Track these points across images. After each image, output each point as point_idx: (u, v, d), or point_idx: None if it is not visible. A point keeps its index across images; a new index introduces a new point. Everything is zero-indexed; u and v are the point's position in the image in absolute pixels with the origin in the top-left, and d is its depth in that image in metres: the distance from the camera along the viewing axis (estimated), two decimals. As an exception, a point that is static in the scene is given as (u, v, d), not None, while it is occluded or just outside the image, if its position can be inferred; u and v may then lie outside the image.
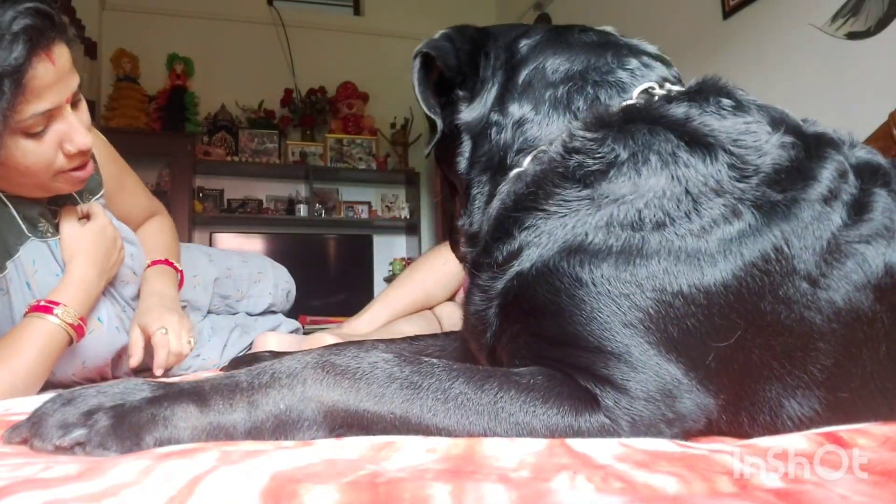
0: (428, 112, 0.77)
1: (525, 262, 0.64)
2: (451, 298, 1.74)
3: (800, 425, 0.62)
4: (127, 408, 0.50)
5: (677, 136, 0.63)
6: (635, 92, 0.71)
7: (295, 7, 5.15)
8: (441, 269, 1.70)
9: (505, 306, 0.66)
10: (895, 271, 0.62)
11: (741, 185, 0.61)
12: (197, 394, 0.52)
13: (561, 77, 0.74)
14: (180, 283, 1.39)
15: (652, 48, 0.79)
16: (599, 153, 0.64)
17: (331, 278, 4.73)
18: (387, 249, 5.03)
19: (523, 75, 0.76)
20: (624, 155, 0.63)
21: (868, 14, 2.27)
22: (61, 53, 0.95)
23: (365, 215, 4.99)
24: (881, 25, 2.22)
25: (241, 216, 4.76)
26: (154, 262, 1.34)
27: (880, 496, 0.40)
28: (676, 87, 0.72)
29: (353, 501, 0.36)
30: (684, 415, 0.57)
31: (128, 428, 0.49)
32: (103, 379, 1.18)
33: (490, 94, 0.77)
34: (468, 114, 0.78)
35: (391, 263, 4.98)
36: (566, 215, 0.63)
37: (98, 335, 1.13)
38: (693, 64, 2.79)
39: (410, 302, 1.70)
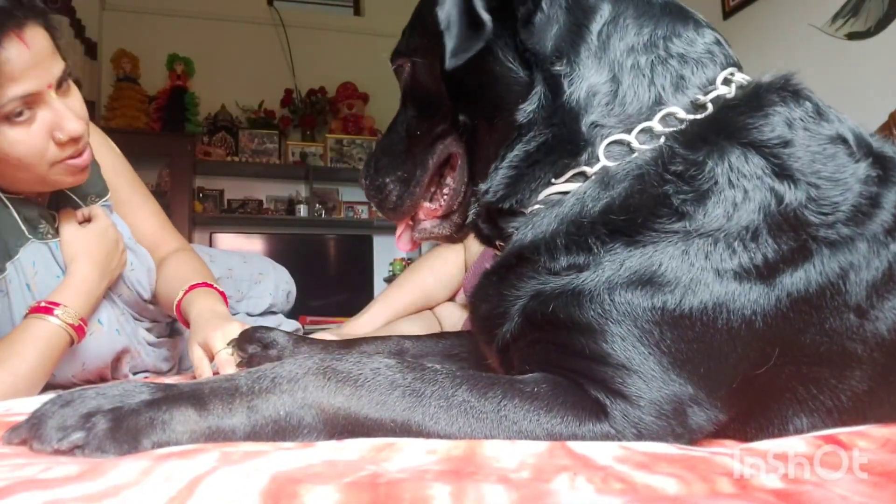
0: (478, 9, 0.63)
1: (589, 281, 0.60)
2: (452, 299, 1.74)
3: (804, 433, 0.61)
4: (125, 411, 0.50)
5: (769, 164, 0.60)
6: (719, 79, 0.66)
7: (295, 7, 5.15)
8: (441, 269, 1.70)
9: (533, 310, 0.63)
10: None
11: (817, 220, 0.58)
12: (196, 397, 0.52)
13: (645, 41, 0.66)
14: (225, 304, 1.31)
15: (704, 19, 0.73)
16: (699, 179, 0.59)
17: (331, 279, 4.74)
18: (387, 250, 5.03)
19: (598, 25, 0.67)
20: (721, 182, 0.59)
21: (868, 14, 2.27)
22: (35, 35, 0.92)
23: (365, 216, 4.99)
24: (881, 26, 2.22)
25: (241, 216, 4.76)
26: (193, 286, 1.23)
27: (880, 497, 0.40)
28: (747, 78, 0.69)
29: (353, 502, 0.36)
30: (694, 429, 0.56)
31: (125, 431, 0.49)
32: (103, 380, 1.18)
33: (550, 34, 0.67)
34: (534, 41, 0.67)
35: (391, 264, 4.98)
36: (647, 245, 0.59)
37: (98, 337, 1.12)
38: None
39: (410, 302, 1.70)
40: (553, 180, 0.66)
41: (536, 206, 0.66)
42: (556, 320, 0.60)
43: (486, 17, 0.63)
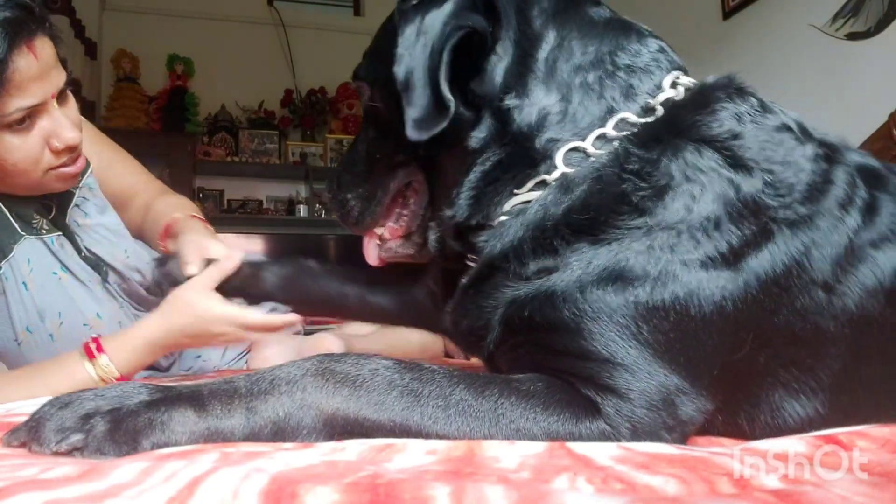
0: (445, 92, 0.63)
1: (559, 282, 0.61)
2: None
3: (800, 424, 0.62)
4: (124, 412, 0.50)
5: (722, 157, 0.61)
6: (666, 83, 0.68)
7: (295, 7, 5.15)
8: (441, 269, 1.70)
9: (511, 316, 0.64)
10: None
11: (775, 203, 0.60)
12: (195, 398, 0.52)
13: (591, 59, 0.67)
14: None
15: (647, 28, 0.75)
16: (655, 175, 0.61)
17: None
18: (387, 250, 5.02)
19: (545, 52, 0.68)
20: (678, 178, 0.61)
21: (868, 14, 2.27)
22: (44, 47, 0.93)
23: (365, 216, 4.98)
24: (881, 26, 2.22)
25: (242, 216, 4.76)
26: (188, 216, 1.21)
27: (880, 497, 0.40)
28: (692, 80, 0.70)
29: (353, 502, 0.36)
30: (685, 421, 0.57)
31: (125, 433, 0.49)
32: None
33: (500, 68, 0.67)
34: (484, 86, 0.68)
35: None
36: (612, 242, 0.61)
37: (98, 332, 1.12)
38: (693, 64, 2.78)
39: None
40: (515, 191, 0.67)
41: (503, 218, 0.67)
42: (534, 323, 0.61)
43: (449, 97, 0.62)
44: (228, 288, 1.00)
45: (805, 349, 0.61)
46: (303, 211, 4.81)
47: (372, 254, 0.86)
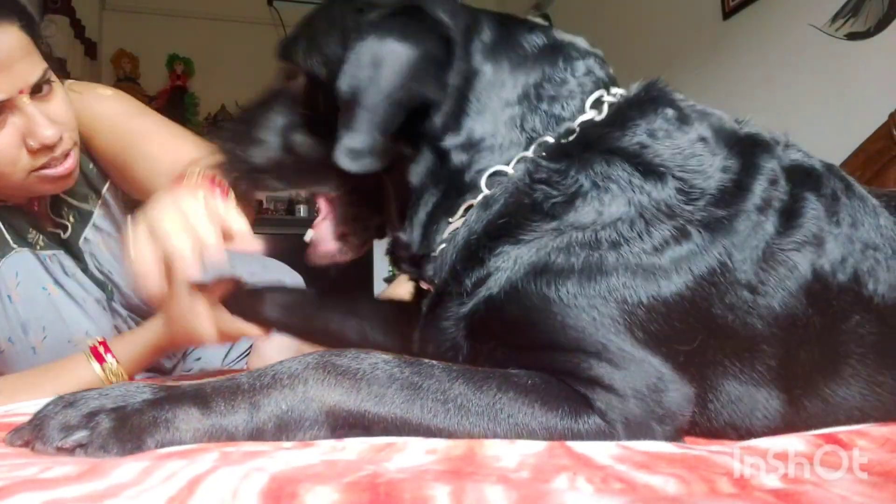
0: (384, 141, 0.64)
1: (493, 286, 0.64)
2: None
3: (766, 422, 0.63)
4: (128, 410, 0.50)
5: (632, 165, 0.64)
6: (588, 104, 0.70)
7: (295, 7, 5.14)
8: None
9: (472, 330, 0.66)
10: (823, 277, 0.64)
11: (689, 208, 0.63)
12: (198, 396, 0.52)
13: (519, 94, 0.70)
14: None
15: (584, 43, 0.76)
16: (564, 184, 0.64)
17: (330, 279, 4.72)
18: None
19: (478, 90, 0.70)
20: (586, 185, 0.64)
21: (868, 14, 2.27)
22: (7, 36, 0.87)
23: (365, 215, 4.98)
24: (881, 26, 2.22)
25: (241, 216, 4.76)
26: None
27: (880, 497, 0.40)
28: (620, 92, 0.72)
29: (353, 502, 0.36)
30: (673, 410, 0.58)
31: (129, 430, 0.49)
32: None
33: (441, 110, 0.69)
34: (424, 127, 0.70)
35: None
36: (532, 241, 0.64)
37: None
38: (693, 64, 2.78)
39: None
40: (450, 219, 0.70)
41: (442, 245, 0.70)
42: (491, 327, 0.63)
43: (388, 145, 0.64)
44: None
45: (740, 343, 0.63)
46: (303, 211, 4.81)
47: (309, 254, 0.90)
